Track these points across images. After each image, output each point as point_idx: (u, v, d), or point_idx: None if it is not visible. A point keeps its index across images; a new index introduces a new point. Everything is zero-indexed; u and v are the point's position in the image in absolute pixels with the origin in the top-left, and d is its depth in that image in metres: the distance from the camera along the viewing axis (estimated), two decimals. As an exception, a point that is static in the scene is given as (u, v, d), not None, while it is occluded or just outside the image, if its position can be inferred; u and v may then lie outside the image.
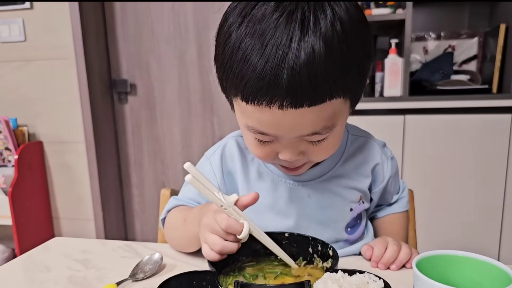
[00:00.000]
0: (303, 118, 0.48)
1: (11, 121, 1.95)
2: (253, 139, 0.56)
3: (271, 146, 0.55)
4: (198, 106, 2.06)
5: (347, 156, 0.68)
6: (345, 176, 0.68)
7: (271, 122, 0.50)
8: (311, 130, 0.51)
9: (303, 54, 0.44)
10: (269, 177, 0.67)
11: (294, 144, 0.54)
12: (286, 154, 0.54)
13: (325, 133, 0.52)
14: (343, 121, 0.56)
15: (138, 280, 0.59)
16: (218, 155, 0.69)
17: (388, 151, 0.73)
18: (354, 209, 0.69)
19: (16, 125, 1.98)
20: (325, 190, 0.67)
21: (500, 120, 1.57)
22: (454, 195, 1.64)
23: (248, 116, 0.52)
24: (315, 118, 0.49)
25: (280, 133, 0.52)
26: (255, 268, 0.57)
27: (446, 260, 0.43)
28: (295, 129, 0.50)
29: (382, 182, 0.71)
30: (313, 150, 0.55)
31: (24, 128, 2.01)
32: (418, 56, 1.96)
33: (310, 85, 0.45)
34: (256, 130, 0.52)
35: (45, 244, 0.75)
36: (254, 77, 0.46)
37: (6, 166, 1.96)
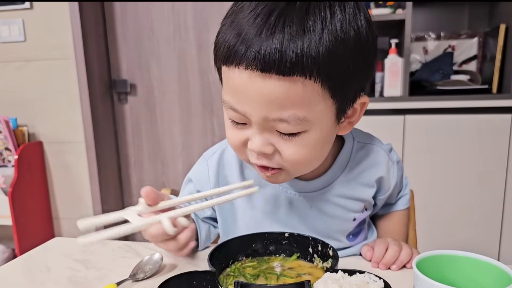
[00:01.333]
0: (270, 91, 0.46)
1: (11, 121, 1.95)
2: (228, 121, 0.55)
3: (243, 131, 0.53)
4: (198, 106, 2.06)
5: (352, 165, 0.65)
6: (349, 187, 0.65)
7: (239, 88, 0.48)
8: (278, 113, 0.48)
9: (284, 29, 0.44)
10: (270, 186, 0.64)
11: (264, 132, 0.51)
12: (254, 142, 0.51)
13: (294, 123, 0.48)
14: (323, 128, 0.51)
15: (138, 280, 0.59)
16: (215, 158, 0.68)
17: (395, 155, 0.71)
18: (357, 218, 0.67)
19: (16, 125, 1.98)
20: (328, 202, 0.65)
21: (500, 120, 1.57)
22: (454, 195, 1.64)
23: (225, 86, 0.51)
24: (283, 95, 0.46)
25: (247, 108, 0.49)
26: (256, 268, 0.57)
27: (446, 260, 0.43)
28: (261, 104, 0.47)
29: (388, 190, 0.70)
30: (283, 146, 0.51)
31: (24, 128, 2.01)
32: (418, 56, 1.96)
33: (281, 51, 0.44)
34: (228, 105, 0.51)
35: (45, 244, 0.75)
36: (232, 36, 0.47)
37: (6, 166, 1.96)
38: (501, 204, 1.62)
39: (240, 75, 0.47)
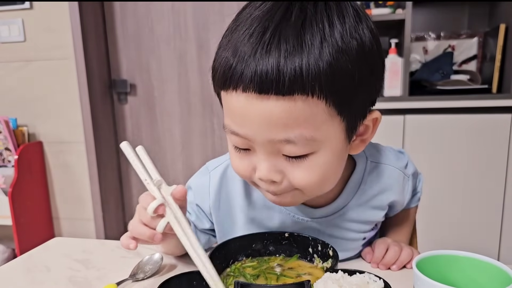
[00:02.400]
0: (271, 112, 0.43)
1: (11, 121, 1.95)
2: (232, 148, 0.52)
3: (248, 158, 0.50)
4: (198, 106, 2.06)
5: (364, 188, 0.61)
6: (361, 211, 0.62)
7: (238, 111, 0.46)
8: (284, 134, 0.44)
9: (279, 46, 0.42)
10: (277, 209, 0.61)
11: (270, 157, 0.48)
12: (261, 170, 0.48)
13: (301, 144, 0.45)
14: (333, 148, 0.48)
15: (138, 280, 0.59)
16: (219, 172, 0.64)
17: (410, 168, 0.67)
18: (367, 237, 0.66)
19: (16, 125, 1.98)
20: (338, 226, 0.62)
21: (500, 120, 1.57)
22: (454, 195, 1.64)
23: (225, 110, 0.49)
24: (285, 115, 0.43)
25: (249, 131, 0.46)
26: (256, 268, 0.57)
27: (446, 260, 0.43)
28: (264, 126, 0.44)
29: (401, 207, 0.69)
30: (292, 171, 0.48)
31: (24, 128, 2.01)
32: (418, 56, 1.96)
33: (278, 70, 0.41)
34: (230, 129, 0.48)
35: (45, 244, 0.75)
36: (227, 58, 0.45)
37: (6, 167, 1.96)
38: (501, 204, 1.62)
39: (237, 99, 0.45)
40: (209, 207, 0.64)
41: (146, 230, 0.49)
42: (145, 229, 0.49)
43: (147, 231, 0.49)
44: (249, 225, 0.64)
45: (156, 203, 0.47)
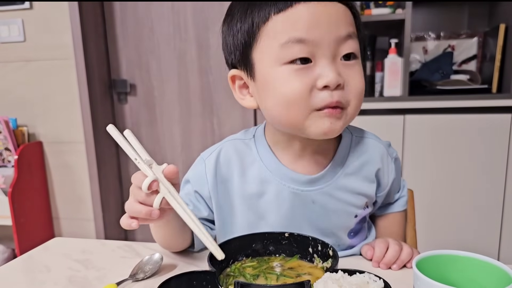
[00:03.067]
0: (337, 12, 0.55)
1: (10, 121, 1.95)
2: (288, 72, 0.55)
3: (308, 73, 0.55)
4: (198, 106, 2.06)
5: (352, 159, 0.66)
6: (350, 181, 0.66)
7: (309, 17, 0.54)
8: (346, 30, 0.55)
9: None
10: (273, 182, 0.65)
11: (332, 63, 0.55)
12: (328, 74, 0.54)
13: (355, 40, 0.57)
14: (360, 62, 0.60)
15: (138, 280, 0.59)
16: (213, 159, 0.68)
17: (394, 151, 0.72)
18: (359, 215, 0.68)
19: (15, 125, 1.98)
20: (330, 197, 0.65)
21: (500, 120, 1.57)
22: (454, 195, 1.64)
23: (283, 30, 0.54)
24: (345, 15, 0.56)
25: (318, 33, 0.54)
26: (256, 268, 0.57)
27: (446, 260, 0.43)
28: (333, 24, 0.54)
29: (386, 186, 0.70)
30: (348, 73, 0.56)
31: (24, 128, 2.01)
32: (417, 56, 1.96)
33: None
34: (295, 39, 0.54)
35: (45, 245, 0.75)
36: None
37: (6, 167, 1.96)
38: (501, 204, 1.62)
39: (307, 7, 0.54)
40: (209, 192, 0.67)
41: (142, 208, 0.51)
42: (141, 207, 0.51)
43: (144, 209, 0.51)
44: (246, 204, 0.67)
45: (149, 179, 0.49)
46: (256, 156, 0.66)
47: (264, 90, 0.58)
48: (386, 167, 0.69)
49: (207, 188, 0.67)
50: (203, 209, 0.69)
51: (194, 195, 0.69)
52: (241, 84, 0.62)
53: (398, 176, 0.73)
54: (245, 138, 0.69)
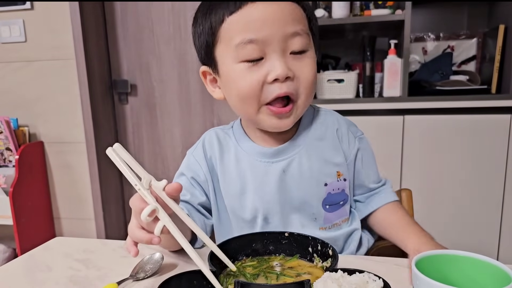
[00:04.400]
0: (284, 10, 0.59)
1: (12, 121, 1.95)
2: (241, 69, 0.61)
3: (260, 69, 0.60)
4: (198, 106, 2.06)
5: (315, 128, 0.72)
6: (317, 149, 0.70)
7: (258, 16, 0.58)
8: (293, 27, 0.60)
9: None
10: (246, 159, 0.71)
11: (282, 57, 0.60)
12: (277, 68, 0.59)
13: (304, 37, 0.61)
14: (313, 53, 0.64)
15: (139, 279, 0.59)
16: (200, 148, 0.75)
17: (358, 131, 0.75)
18: (330, 184, 0.70)
19: (17, 125, 1.98)
20: (298, 165, 0.69)
21: (499, 120, 1.57)
22: (453, 195, 1.65)
23: (237, 30, 0.60)
24: (292, 12, 0.60)
25: (268, 32, 0.59)
26: (256, 267, 0.57)
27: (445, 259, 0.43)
28: (280, 22, 0.59)
29: (349, 154, 0.72)
30: (298, 66, 0.61)
31: (25, 129, 2.01)
32: (417, 57, 1.96)
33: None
34: (247, 40, 0.59)
35: (46, 244, 0.75)
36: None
37: (7, 166, 1.97)
38: (500, 204, 1.62)
39: (255, 8, 0.59)
40: (204, 175, 0.73)
41: (144, 235, 0.52)
42: (142, 234, 0.52)
43: (145, 236, 0.52)
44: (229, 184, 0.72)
45: (149, 209, 0.49)
46: (233, 141, 0.74)
47: (226, 85, 0.66)
48: (343, 133, 0.73)
49: (202, 173, 0.73)
50: (199, 194, 0.73)
51: (190, 182, 0.74)
52: (211, 78, 0.70)
53: (368, 158, 0.75)
54: (224, 128, 0.78)
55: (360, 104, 1.68)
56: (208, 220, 0.74)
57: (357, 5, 1.75)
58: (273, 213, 0.70)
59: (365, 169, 0.74)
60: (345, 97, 1.69)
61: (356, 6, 1.75)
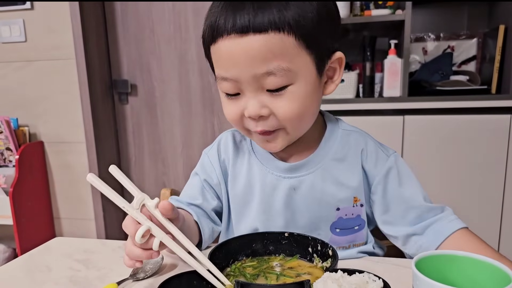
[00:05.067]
0: (251, 47, 0.52)
1: (12, 121, 1.95)
2: (224, 97, 0.60)
3: (238, 103, 0.58)
4: (199, 106, 2.06)
5: (337, 151, 0.66)
6: (334, 171, 0.65)
7: (226, 55, 0.55)
8: (265, 67, 0.53)
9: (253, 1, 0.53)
10: (258, 168, 0.69)
11: (256, 95, 0.56)
12: (249, 107, 0.56)
13: (280, 75, 0.54)
14: (307, 79, 0.56)
15: (139, 279, 0.59)
16: (215, 149, 0.74)
17: (390, 149, 0.68)
18: (343, 209, 0.65)
19: (17, 125, 1.99)
20: (311, 186, 0.65)
21: (499, 120, 1.57)
22: (453, 195, 1.65)
23: (215, 62, 0.58)
24: (264, 49, 0.52)
25: (236, 72, 0.55)
26: (256, 268, 0.57)
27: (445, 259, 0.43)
28: (247, 63, 0.53)
29: (375, 176, 0.65)
30: (275, 104, 0.56)
31: (25, 128, 2.01)
32: (417, 57, 1.96)
33: (253, 10, 0.52)
34: (220, 76, 0.57)
35: (46, 244, 0.75)
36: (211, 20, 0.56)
37: (7, 166, 1.97)
38: (500, 204, 1.62)
39: (224, 44, 0.54)
40: (217, 178, 0.72)
41: (142, 253, 0.51)
42: (140, 252, 0.51)
43: (143, 254, 0.51)
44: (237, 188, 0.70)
45: (142, 230, 0.48)
46: (248, 145, 0.71)
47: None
48: (370, 152, 0.66)
49: (215, 175, 0.72)
50: (210, 198, 0.72)
51: (203, 184, 0.72)
52: None
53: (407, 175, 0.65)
54: None
55: (360, 104, 1.68)
56: (216, 227, 0.73)
57: (357, 5, 1.74)
58: (275, 227, 0.67)
59: (406, 187, 0.65)
60: (345, 97, 1.69)
61: (356, 6, 1.75)
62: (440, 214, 0.65)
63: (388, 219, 0.66)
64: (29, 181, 1.96)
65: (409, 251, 0.65)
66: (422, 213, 0.64)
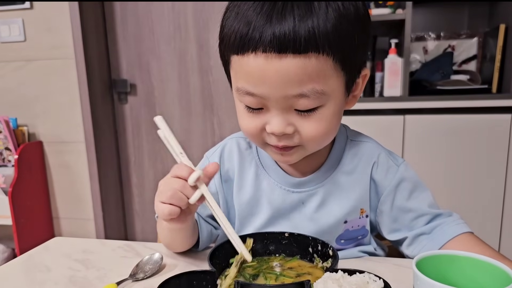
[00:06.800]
0: (288, 69, 0.49)
1: (11, 121, 1.95)
2: (243, 109, 0.56)
3: (260, 117, 0.55)
4: (198, 106, 2.06)
5: (345, 162, 0.65)
6: (342, 185, 0.64)
7: (257, 72, 0.50)
8: (298, 89, 0.50)
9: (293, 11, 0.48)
10: (266, 180, 0.66)
11: (283, 113, 0.53)
12: (274, 124, 0.53)
13: (313, 97, 0.51)
14: (337, 101, 0.54)
15: (138, 280, 0.59)
16: (217, 155, 0.70)
17: (399, 158, 0.67)
18: (350, 221, 0.65)
19: (16, 125, 1.98)
20: (319, 199, 0.64)
21: (500, 120, 1.57)
22: (454, 195, 1.64)
23: (239, 74, 0.53)
24: (300, 71, 0.49)
25: (266, 90, 0.51)
26: (256, 268, 0.57)
27: (446, 259, 0.43)
28: (280, 83, 0.50)
29: (386, 186, 0.64)
30: (303, 124, 0.54)
31: (24, 128, 2.01)
32: (418, 56, 1.96)
33: (294, 31, 0.47)
34: (245, 90, 0.53)
35: (45, 244, 0.75)
36: (242, 26, 0.50)
37: (6, 166, 1.96)
38: (501, 204, 1.62)
39: (256, 60, 0.50)
40: (215, 187, 0.69)
41: (184, 198, 0.52)
42: (183, 197, 0.52)
43: (185, 199, 0.52)
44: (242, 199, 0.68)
45: (197, 174, 0.51)
46: (255, 154, 0.68)
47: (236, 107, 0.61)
48: (381, 163, 0.64)
49: (213, 184, 0.69)
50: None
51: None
52: None
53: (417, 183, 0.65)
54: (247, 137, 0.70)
55: (360, 104, 1.67)
56: (215, 230, 0.72)
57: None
58: None
59: (416, 198, 0.64)
60: (345, 97, 1.69)
61: (356, 6, 1.74)
62: (448, 218, 0.65)
63: (396, 227, 0.65)
64: (28, 181, 1.96)
65: (411, 252, 0.64)
66: (430, 219, 0.64)
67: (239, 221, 0.70)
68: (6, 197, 1.88)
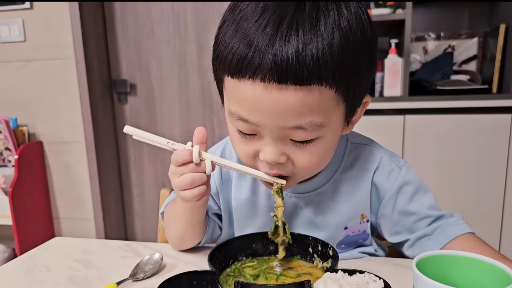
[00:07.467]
0: (287, 101, 0.45)
1: (11, 121, 1.95)
2: (235, 133, 0.53)
3: (253, 143, 0.52)
4: (198, 106, 2.06)
5: (345, 166, 0.63)
6: (342, 190, 0.63)
7: (253, 100, 0.46)
8: (296, 121, 0.46)
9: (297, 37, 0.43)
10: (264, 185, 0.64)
11: (277, 142, 0.50)
12: (267, 153, 0.50)
13: (311, 130, 0.47)
14: (335, 131, 0.51)
15: (138, 280, 0.59)
16: (218, 154, 0.69)
17: (401, 160, 0.65)
18: (351, 227, 0.64)
19: (16, 125, 1.98)
20: (318, 204, 0.63)
21: (500, 120, 1.57)
22: (454, 195, 1.64)
23: (233, 97, 0.49)
24: (300, 103, 0.45)
25: (261, 119, 0.47)
26: (256, 268, 0.57)
27: (446, 260, 0.43)
28: (277, 114, 0.46)
29: (387, 191, 0.63)
30: (297, 154, 0.51)
31: (24, 128, 2.01)
32: (418, 56, 1.96)
33: (297, 60, 0.43)
34: (237, 116, 0.49)
35: (45, 244, 0.75)
36: (242, 47, 0.45)
37: (6, 166, 1.96)
38: (501, 204, 1.62)
39: (253, 87, 0.45)
40: (216, 188, 0.68)
41: (201, 175, 0.52)
42: (200, 174, 0.52)
43: (203, 176, 0.53)
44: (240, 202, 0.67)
45: (196, 150, 0.51)
46: None
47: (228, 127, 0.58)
48: (383, 165, 0.63)
49: (214, 184, 0.68)
50: (212, 204, 0.70)
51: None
52: None
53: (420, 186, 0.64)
54: None
55: (360, 104, 1.67)
56: (218, 230, 0.72)
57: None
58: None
59: (418, 201, 0.63)
60: (345, 97, 1.69)
61: (356, 6, 1.74)
62: (450, 218, 0.64)
63: (398, 229, 0.65)
64: (28, 181, 1.96)
65: (412, 254, 0.64)
66: (432, 221, 0.64)
67: (237, 223, 0.69)
68: (6, 197, 1.88)
